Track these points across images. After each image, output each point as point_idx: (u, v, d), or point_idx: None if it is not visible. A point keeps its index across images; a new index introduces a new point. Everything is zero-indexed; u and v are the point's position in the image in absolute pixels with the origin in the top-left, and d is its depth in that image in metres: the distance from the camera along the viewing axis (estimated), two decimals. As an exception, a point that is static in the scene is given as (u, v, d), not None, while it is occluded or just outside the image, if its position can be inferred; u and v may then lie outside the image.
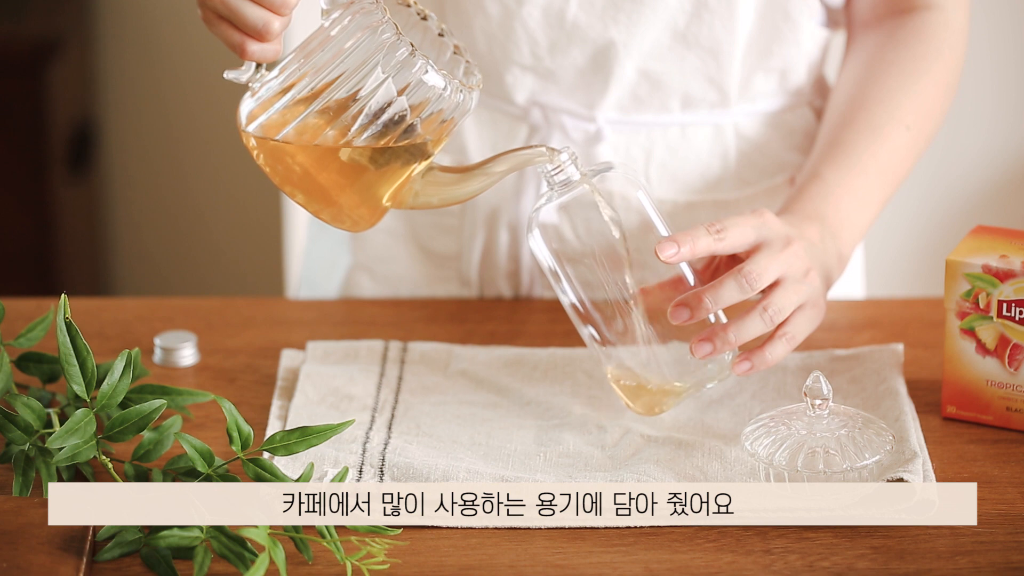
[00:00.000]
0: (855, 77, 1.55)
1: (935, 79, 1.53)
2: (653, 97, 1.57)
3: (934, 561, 1.21)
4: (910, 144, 1.51)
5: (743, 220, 1.36)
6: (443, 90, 1.29)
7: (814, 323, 1.38)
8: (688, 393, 1.37)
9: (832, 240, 1.43)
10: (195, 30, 3.08)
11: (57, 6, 2.98)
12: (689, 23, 1.53)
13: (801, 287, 1.36)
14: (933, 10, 1.55)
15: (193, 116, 3.16)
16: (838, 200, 1.45)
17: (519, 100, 1.58)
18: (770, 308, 1.34)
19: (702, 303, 1.33)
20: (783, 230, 1.37)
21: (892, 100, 1.51)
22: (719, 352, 1.34)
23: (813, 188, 1.46)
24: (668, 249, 1.32)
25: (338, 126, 1.29)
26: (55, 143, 2.90)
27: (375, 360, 1.46)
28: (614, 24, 1.52)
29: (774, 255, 1.35)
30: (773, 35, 1.55)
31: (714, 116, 1.58)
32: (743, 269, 1.34)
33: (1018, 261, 1.34)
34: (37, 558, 1.17)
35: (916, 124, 1.51)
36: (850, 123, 1.51)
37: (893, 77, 1.52)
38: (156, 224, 3.23)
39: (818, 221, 1.43)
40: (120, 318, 1.56)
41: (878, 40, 1.55)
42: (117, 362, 1.26)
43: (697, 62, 1.55)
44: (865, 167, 1.48)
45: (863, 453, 1.25)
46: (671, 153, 1.58)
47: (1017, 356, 1.35)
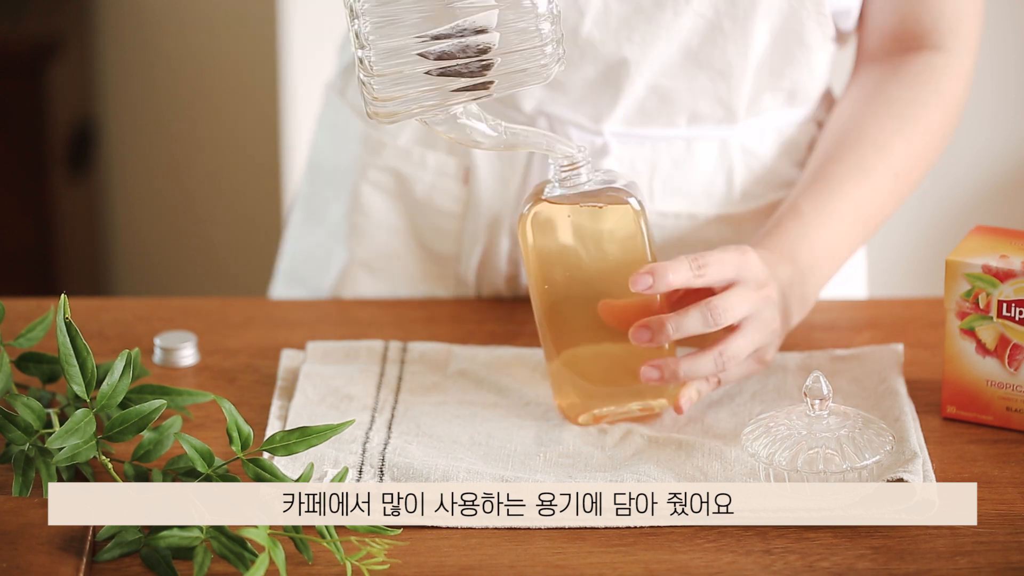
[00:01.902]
0: (853, 110, 1.54)
1: (932, 125, 1.52)
2: (660, 112, 1.56)
3: (934, 561, 1.21)
4: (895, 190, 1.50)
5: (726, 257, 1.36)
6: (539, 30, 1.27)
7: (752, 373, 1.40)
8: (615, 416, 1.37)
9: (800, 285, 1.43)
10: (195, 30, 3.08)
11: (57, 6, 2.99)
12: (702, 45, 1.52)
13: (757, 335, 1.37)
14: (941, 53, 1.53)
15: (193, 116, 3.16)
16: (812, 243, 1.45)
17: (526, 109, 1.57)
18: (725, 354, 1.36)
19: (664, 329, 1.34)
20: (761, 273, 1.38)
21: (885, 144, 1.50)
22: (665, 382, 1.35)
23: (790, 224, 1.46)
24: (642, 283, 1.33)
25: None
26: (55, 143, 2.90)
27: (375, 360, 1.46)
28: (628, 43, 1.52)
29: (745, 295, 1.36)
30: (786, 59, 1.54)
31: (720, 131, 1.58)
32: (711, 303, 1.34)
33: (1018, 261, 1.34)
34: (37, 558, 1.17)
35: (904, 171, 1.50)
36: (839, 159, 1.50)
37: (891, 118, 1.51)
38: (156, 224, 3.23)
39: (791, 263, 1.43)
40: (120, 318, 1.56)
41: (882, 75, 1.54)
42: (117, 362, 1.26)
43: (707, 82, 1.54)
44: (844, 211, 1.47)
45: (863, 453, 1.25)
46: (676, 167, 1.58)
47: (1017, 356, 1.35)
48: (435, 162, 1.63)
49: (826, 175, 1.49)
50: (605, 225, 1.34)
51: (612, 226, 1.34)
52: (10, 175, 2.89)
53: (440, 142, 1.62)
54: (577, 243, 1.34)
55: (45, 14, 2.95)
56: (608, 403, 1.37)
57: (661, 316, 1.34)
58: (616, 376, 1.37)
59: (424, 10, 1.27)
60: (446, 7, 1.27)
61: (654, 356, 1.36)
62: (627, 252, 1.34)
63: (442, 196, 1.63)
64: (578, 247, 1.34)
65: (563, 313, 1.36)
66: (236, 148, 3.17)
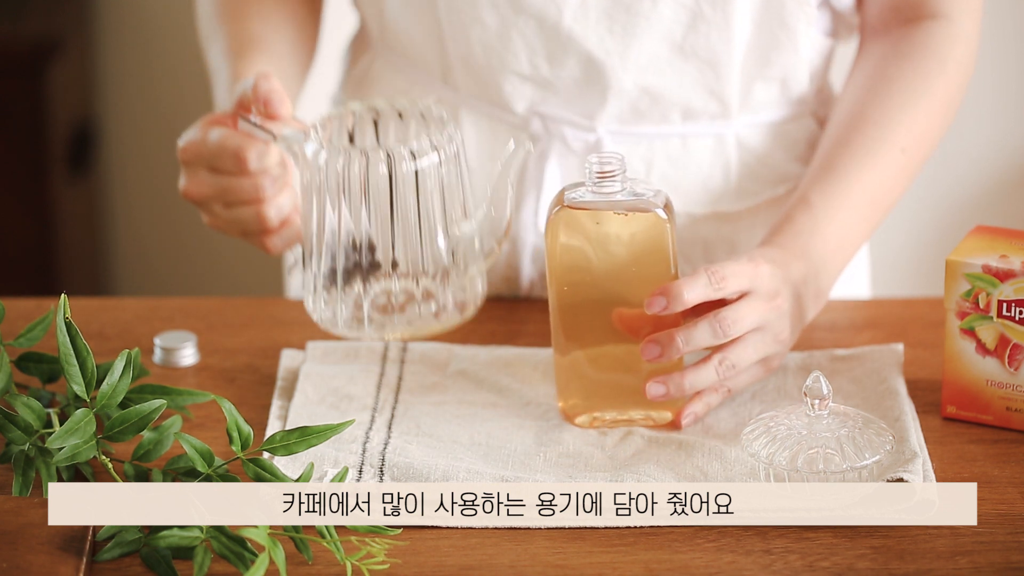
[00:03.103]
0: (856, 93, 1.53)
1: (936, 97, 1.52)
2: (653, 110, 1.56)
3: (934, 561, 1.21)
4: (904, 167, 1.50)
5: (741, 269, 1.36)
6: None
7: (757, 380, 1.40)
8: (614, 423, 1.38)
9: (814, 281, 1.43)
10: (195, 30, 3.07)
11: (57, 6, 2.98)
12: (686, 34, 1.52)
13: (763, 345, 1.37)
14: (940, 20, 1.53)
15: (193, 116, 3.14)
16: (824, 236, 1.45)
17: (519, 109, 1.57)
18: (725, 363, 1.35)
19: (674, 343, 1.33)
20: (772, 284, 1.37)
21: (890, 122, 1.50)
22: (673, 396, 1.35)
23: (801, 218, 1.45)
24: (657, 305, 1.33)
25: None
26: (55, 143, 2.90)
27: (375, 360, 1.46)
28: (609, 35, 1.52)
29: (756, 306, 1.36)
30: (771, 43, 1.54)
31: (715, 127, 1.58)
32: (720, 315, 1.34)
33: (1018, 261, 1.34)
34: (37, 558, 1.17)
35: (912, 147, 1.50)
36: (845, 144, 1.49)
37: (893, 96, 1.51)
38: (156, 224, 3.23)
39: (804, 259, 1.42)
40: (120, 318, 1.56)
41: (884, 51, 1.54)
42: (117, 362, 1.26)
43: (696, 73, 1.54)
44: (854, 199, 1.47)
45: (863, 453, 1.25)
46: (672, 164, 1.58)
47: (1017, 356, 1.35)
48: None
49: (834, 163, 1.49)
50: (631, 234, 1.33)
51: (638, 235, 1.33)
52: (10, 175, 2.89)
53: None
54: (601, 249, 1.34)
55: (45, 14, 2.95)
56: (610, 408, 1.37)
57: (671, 331, 1.34)
58: (622, 382, 1.37)
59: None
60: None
61: (661, 368, 1.36)
62: (651, 262, 1.34)
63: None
64: (602, 253, 1.34)
65: (579, 316, 1.36)
66: (236, 148, 3.16)
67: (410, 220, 1.41)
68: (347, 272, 1.40)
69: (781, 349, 1.39)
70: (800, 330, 1.42)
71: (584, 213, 1.33)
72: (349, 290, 1.39)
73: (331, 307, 1.43)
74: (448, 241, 1.44)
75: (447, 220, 1.43)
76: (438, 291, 1.41)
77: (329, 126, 1.47)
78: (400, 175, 1.41)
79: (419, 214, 1.42)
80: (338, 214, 1.40)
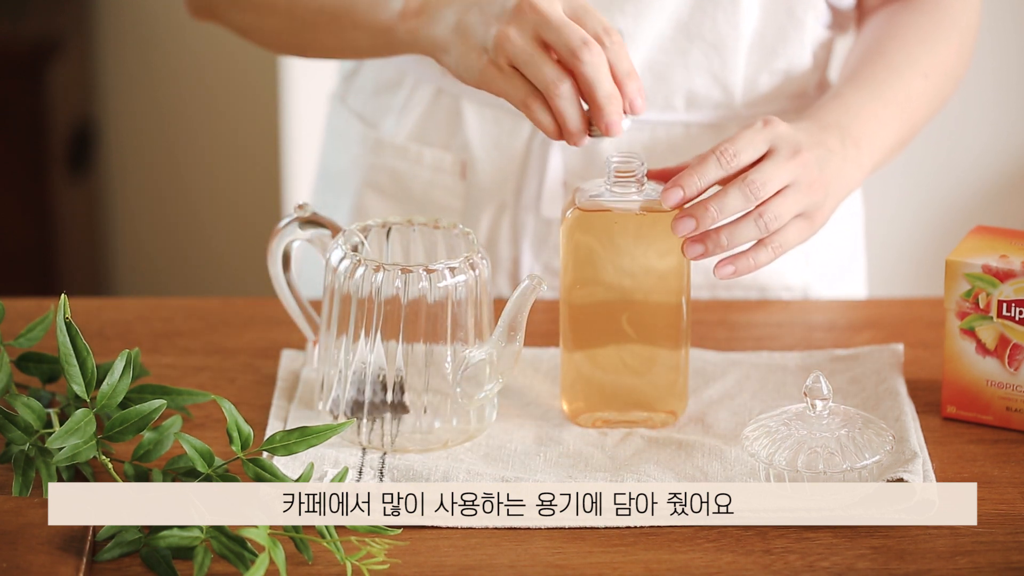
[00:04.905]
0: (873, 34, 1.53)
1: (950, 44, 1.53)
2: (657, 93, 1.56)
3: (934, 561, 1.21)
4: (925, 92, 1.50)
5: (753, 135, 1.34)
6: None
7: (805, 234, 1.36)
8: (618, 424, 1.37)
9: (854, 148, 1.40)
10: (195, 30, 3.08)
11: (57, 6, 2.99)
12: (692, 15, 1.53)
13: (802, 196, 1.34)
14: None
15: (193, 116, 3.16)
16: (858, 116, 1.43)
17: None
18: (766, 215, 1.32)
19: (708, 212, 1.30)
20: (793, 138, 1.35)
21: (911, 51, 1.50)
22: (710, 255, 1.32)
23: (834, 104, 1.44)
24: (673, 197, 1.31)
25: None
26: (55, 143, 2.91)
27: (375, 360, 1.46)
28: (621, 14, 1.52)
29: (781, 163, 1.33)
30: (778, 34, 1.55)
31: (718, 116, 1.58)
32: (747, 178, 1.31)
33: (1018, 261, 1.34)
34: (37, 558, 1.17)
35: (932, 75, 1.50)
36: (871, 62, 1.49)
37: (911, 34, 1.52)
38: (156, 224, 3.23)
39: (838, 129, 1.40)
40: (120, 318, 1.56)
41: (891, 10, 1.55)
42: (117, 362, 1.26)
43: (701, 56, 1.54)
44: (886, 99, 1.46)
45: (863, 453, 1.25)
46: (674, 152, 1.58)
47: (1017, 356, 1.35)
48: (431, 158, 1.63)
49: (861, 74, 1.48)
50: (647, 235, 1.33)
51: (653, 237, 1.33)
52: (10, 175, 2.89)
53: (436, 138, 1.62)
54: (616, 249, 1.33)
55: (45, 14, 2.95)
56: (613, 408, 1.37)
57: (703, 200, 1.31)
58: (629, 384, 1.36)
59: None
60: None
61: (667, 375, 1.36)
62: (666, 263, 1.33)
63: (440, 192, 1.63)
64: (616, 253, 1.34)
65: (589, 315, 1.35)
66: (236, 147, 3.17)
67: (428, 348, 1.33)
68: (372, 406, 1.35)
69: (820, 199, 1.36)
70: (844, 187, 1.39)
71: (601, 214, 1.33)
72: (372, 423, 1.34)
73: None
74: (455, 364, 1.33)
75: (457, 344, 1.33)
76: (446, 416, 1.36)
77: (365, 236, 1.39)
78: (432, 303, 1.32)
79: (436, 339, 1.33)
80: (372, 347, 1.33)
